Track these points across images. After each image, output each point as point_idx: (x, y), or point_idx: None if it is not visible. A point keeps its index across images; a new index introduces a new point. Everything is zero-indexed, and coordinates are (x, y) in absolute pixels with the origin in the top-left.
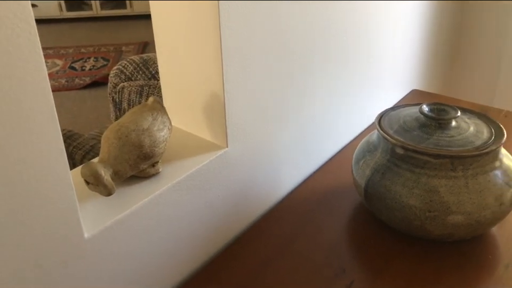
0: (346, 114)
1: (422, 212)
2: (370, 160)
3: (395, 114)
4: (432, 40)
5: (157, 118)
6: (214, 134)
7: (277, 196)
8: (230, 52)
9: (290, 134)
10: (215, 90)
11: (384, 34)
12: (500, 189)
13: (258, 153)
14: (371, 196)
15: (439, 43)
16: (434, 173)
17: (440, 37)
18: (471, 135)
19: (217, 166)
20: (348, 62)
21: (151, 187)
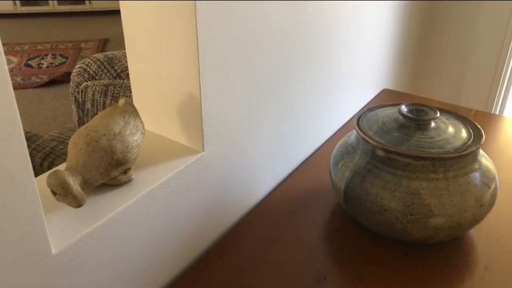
0: (320, 115)
1: (404, 215)
2: (349, 163)
3: (373, 115)
4: (401, 40)
5: (129, 122)
6: (190, 137)
7: (253, 199)
8: (206, 50)
9: (266, 136)
10: (190, 91)
11: (354, 35)
12: (480, 190)
13: (234, 157)
14: (351, 199)
15: (408, 43)
16: (415, 175)
17: (409, 37)
18: (450, 136)
19: (193, 171)
20: (321, 63)
21: (123, 196)
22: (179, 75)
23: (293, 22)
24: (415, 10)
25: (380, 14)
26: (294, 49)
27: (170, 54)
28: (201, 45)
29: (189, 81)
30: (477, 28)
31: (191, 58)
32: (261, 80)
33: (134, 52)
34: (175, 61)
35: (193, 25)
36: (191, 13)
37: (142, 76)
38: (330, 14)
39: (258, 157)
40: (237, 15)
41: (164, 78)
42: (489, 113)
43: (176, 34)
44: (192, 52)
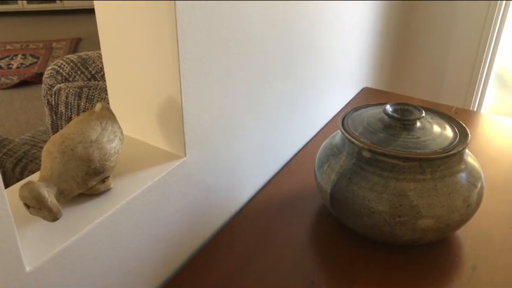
0: (302, 115)
1: (392, 218)
2: (335, 164)
3: (358, 116)
4: (381, 39)
5: (106, 128)
6: (171, 142)
7: (237, 203)
8: (187, 51)
9: (249, 138)
10: (171, 94)
11: (335, 34)
12: (467, 190)
13: (218, 161)
14: (338, 202)
15: (387, 42)
16: (402, 177)
17: (388, 36)
18: (436, 136)
19: (175, 177)
20: (302, 63)
21: (102, 206)
22: (158, 77)
23: (274, 22)
24: (394, 10)
25: (360, 13)
26: (275, 49)
27: (149, 55)
28: (181, 46)
29: (169, 83)
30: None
31: (171, 60)
32: (243, 81)
33: (110, 54)
34: (154, 62)
35: (173, 25)
36: (171, 13)
37: (119, 78)
38: (312, 14)
39: (242, 159)
40: (219, 15)
41: (143, 81)
42: (469, 111)
43: (155, 34)
44: (172, 53)
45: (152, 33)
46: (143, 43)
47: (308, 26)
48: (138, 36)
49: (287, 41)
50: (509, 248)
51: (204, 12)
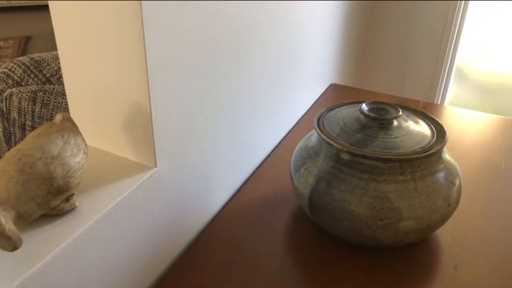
0: (274, 116)
1: (374, 221)
2: (312, 167)
3: (333, 116)
4: (345, 36)
5: (68, 141)
6: (140, 152)
7: (211, 212)
8: (155, 55)
9: (221, 143)
10: (138, 101)
11: (301, 32)
12: (447, 189)
13: (189, 169)
14: (317, 207)
15: (352, 38)
16: (383, 178)
17: (353, 32)
18: (414, 134)
19: (145, 190)
20: (270, 63)
21: (67, 228)
22: (125, 83)
23: (243, 26)
24: (358, 7)
25: (325, 12)
26: (245, 51)
27: (114, 58)
28: (149, 49)
29: (137, 89)
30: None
31: (138, 64)
32: (214, 85)
33: (69, 56)
34: (119, 67)
35: (139, 26)
36: (137, 12)
37: (80, 84)
38: (278, 14)
39: (214, 165)
40: (188, 15)
41: (107, 86)
42: (436, 105)
43: (120, 36)
44: (138, 56)
45: (116, 34)
46: (107, 45)
47: (274, 27)
48: (100, 36)
49: (255, 42)
50: (488, 245)
51: (173, 12)
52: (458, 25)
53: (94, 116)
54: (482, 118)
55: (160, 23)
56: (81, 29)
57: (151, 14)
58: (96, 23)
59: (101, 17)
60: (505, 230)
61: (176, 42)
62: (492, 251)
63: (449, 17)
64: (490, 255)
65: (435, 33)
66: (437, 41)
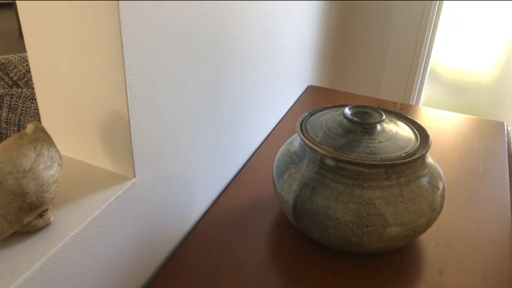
0: (253, 120)
1: (360, 228)
2: (296, 173)
3: (315, 120)
4: (322, 37)
5: (42, 153)
6: (117, 162)
7: (192, 221)
8: (134, 60)
9: (201, 150)
10: (116, 108)
11: (279, 34)
12: (431, 194)
13: (169, 179)
14: (301, 214)
15: (328, 39)
16: (368, 184)
17: (329, 33)
18: (398, 139)
19: (124, 202)
20: (249, 67)
21: (41, 246)
22: (102, 90)
23: (224, 22)
24: (334, 8)
25: (301, 12)
26: (223, 53)
27: (90, 63)
28: (127, 54)
29: (115, 96)
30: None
31: (116, 70)
32: (194, 90)
33: (39, 60)
34: (95, 72)
35: (117, 28)
36: (114, 15)
37: (52, 90)
38: (256, 17)
39: (195, 172)
40: (168, 16)
41: (82, 93)
42: (412, 106)
43: (96, 41)
44: (116, 62)
45: (92, 36)
46: (81, 47)
47: (252, 30)
48: (74, 38)
49: (235, 46)
50: (471, 248)
51: (152, 14)
52: (433, 25)
53: (68, 124)
54: (457, 119)
55: (139, 25)
56: (53, 30)
57: (129, 17)
58: (70, 24)
59: (75, 17)
60: (486, 232)
61: (156, 46)
62: (474, 255)
63: (424, 17)
64: (473, 258)
65: (411, 33)
66: (412, 41)
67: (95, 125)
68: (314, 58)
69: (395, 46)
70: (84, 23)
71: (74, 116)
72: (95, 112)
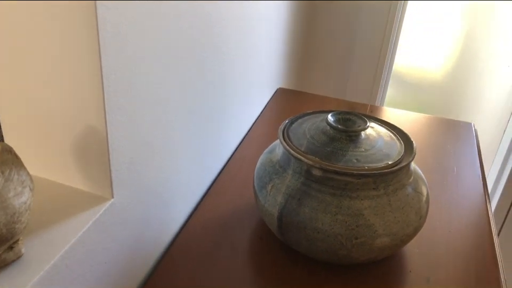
0: (227, 126)
1: (349, 240)
2: (280, 184)
3: (297, 128)
4: (289, 39)
5: (11, 178)
6: (94, 181)
7: (171, 236)
8: (112, 70)
9: (179, 161)
10: (92, 123)
11: (247, 38)
12: (418, 201)
13: (149, 195)
14: (287, 227)
15: (295, 41)
16: (356, 194)
17: (295, 35)
18: (382, 146)
19: (102, 226)
20: (221, 73)
21: (12, 283)
22: (76, 103)
23: (202, 28)
24: (299, 9)
25: (268, 15)
26: (201, 64)
27: (63, 74)
28: (105, 63)
29: (91, 110)
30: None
31: (93, 81)
32: (173, 99)
33: (3, 72)
34: (69, 84)
35: (95, 36)
36: (91, 21)
37: (19, 103)
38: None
39: (172, 186)
40: (149, 22)
41: (55, 107)
42: (381, 108)
43: (71, 49)
44: (93, 72)
45: (66, 45)
46: (53, 58)
47: (225, 35)
48: (46, 47)
49: (214, 51)
50: (454, 253)
51: (132, 19)
52: (398, 25)
53: (38, 141)
54: (426, 119)
55: (118, 32)
56: (18, 36)
57: (108, 24)
58: (39, 30)
59: (45, 23)
60: (467, 237)
61: (136, 54)
62: (458, 260)
63: (390, 17)
64: (457, 265)
65: (377, 33)
66: (378, 41)
67: (69, 142)
68: (282, 60)
69: (362, 45)
70: (57, 28)
71: (45, 133)
72: (69, 127)
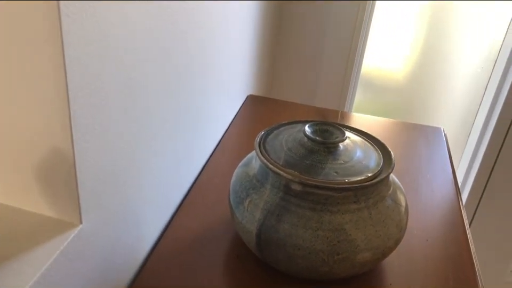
0: (198, 138)
1: (331, 256)
2: (258, 200)
3: (274, 139)
4: (257, 43)
5: None
6: (60, 206)
7: (143, 257)
8: (79, 87)
9: (151, 179)
10: (58, 145)
11: (217, 46)
12: (398, 213)
13: (119, 215)
14: (266, 244)
15: (263, 47)
16: (337, 208)
17: (263, 41)
18: (361, 158)
19: (70, 255)
20: (190, 84)
21: None
22: (40, 122)
23: (172, 37)
24: (266, 13)
25: (235, 21)
26: (176, 68)
27: (26, 93)
28: (71, 79)
29: (56, 129)
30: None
31: (58, 98)
32: (144, 117)
33: None
34: (33, 103)
35: (60, 54)
36: (56, 38)
37: None
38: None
39: (144, 204)
40: (117, 34)
41: (15, 127)
42: (352, 114)
43: (34, 65)
44: (59, 90)
45: (28, 62)
46: (15, 74)
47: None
48: (6, 64)
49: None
50: (433, 262)
51: (99, 32)
52: (366, 26)
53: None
54: (396, 125)
55: (86, 46)
56: None
57: (73, 37)
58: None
59: (4, 37)
60: (444, 246)
61: (104, 68)
62: (437, 271)
63: (359, 18)
64: (437, 275)
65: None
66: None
67: (33, 164)
68: (251, 65)
69: (331, 48)
70: (19, 44)
71: (4, 154)
72: (32, 148)
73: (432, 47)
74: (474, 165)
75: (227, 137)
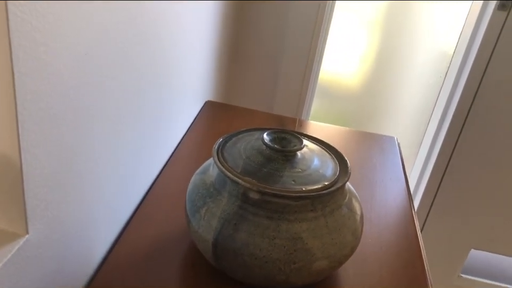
0: (154, 147)
1: (287, 265)
2: (215, 208)
3: (232, 147)
4: (216, 46)
5: None
6: (5, 216)
7: (93, 268)
8: (28, 90)
9: (102, 183)
10: (3, 150)
11: (174, 51)
12: (354, 221)
13: (68, 225)
14: (223, 253)
15: (221, 51)
16: (294, 217)
17: (222, 44)
18: (318, 166)
19: (14, 267)
20: (146, 89)
21: None
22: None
23: (124, 40)
24: (227, 15)
25: (191, 24)
26: (132, 72)
27: None
28: (19, 83)
29: (2, 137)
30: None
31: (4, 104)
32: (97, 121)
33: None
34: None
35: (7, 54)
36: (3, 40)
37: None
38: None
39: (94, 212)
40: (68, 36)
41: None
42: (309, 122)
43: None
44: (5, 94)
45: None
46: None
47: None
48: None
49: (143, 63)
50: (387, 270)
51: (49, 33)
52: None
53: None
54: (351, 134)
55: (35, 47)
56: None
57: (23, 35)
58: None
59: None
60: (397, 253)
61: (55, 71)
62: (392, 279)
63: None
64: (391, 281)
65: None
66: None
67: None
68: (209, 69)
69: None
70: None
71: None
72: None
73: (386, 56)
74: (426, 172)
75: (184, 144)
